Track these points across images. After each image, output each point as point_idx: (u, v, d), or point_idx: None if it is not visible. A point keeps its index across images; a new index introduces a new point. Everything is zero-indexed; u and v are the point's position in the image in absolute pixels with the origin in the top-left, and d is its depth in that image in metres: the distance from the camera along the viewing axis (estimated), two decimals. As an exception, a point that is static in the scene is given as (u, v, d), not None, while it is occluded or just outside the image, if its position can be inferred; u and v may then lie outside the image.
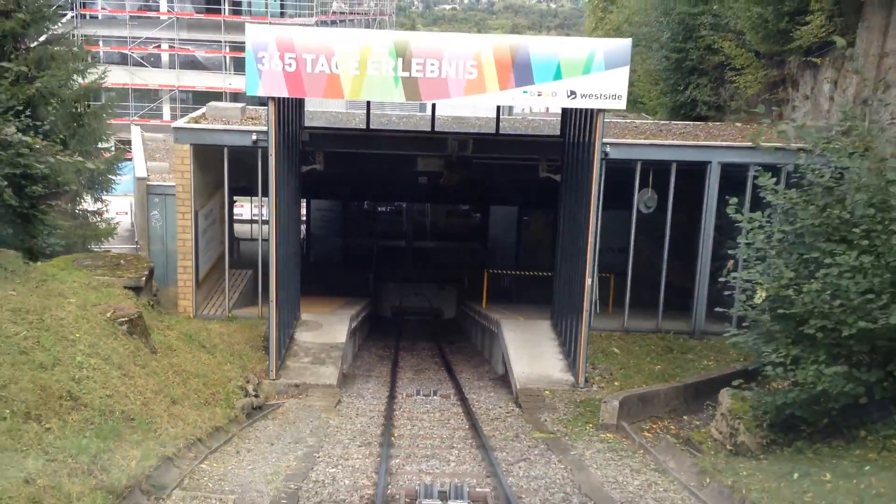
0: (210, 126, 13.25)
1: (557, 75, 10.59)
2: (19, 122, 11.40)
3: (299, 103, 12.92)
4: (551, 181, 13.90)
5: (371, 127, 14.00)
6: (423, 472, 7.86)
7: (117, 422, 7.41)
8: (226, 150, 13.39)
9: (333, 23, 44.66)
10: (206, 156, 13.68)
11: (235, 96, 41.76)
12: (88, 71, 14.94)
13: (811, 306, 7.36)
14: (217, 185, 14.53)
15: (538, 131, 14.71)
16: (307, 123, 14.12)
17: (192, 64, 41.39)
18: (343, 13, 46.70)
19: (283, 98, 11.07)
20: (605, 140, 12.90)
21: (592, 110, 11.12)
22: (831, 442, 7.67)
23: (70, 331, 8.49)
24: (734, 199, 8.38)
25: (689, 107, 24.85)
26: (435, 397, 12.06)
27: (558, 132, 13.91)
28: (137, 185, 16.91)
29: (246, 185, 15.18)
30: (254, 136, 12.90)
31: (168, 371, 9.56)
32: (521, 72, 10.58)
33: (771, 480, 7.35)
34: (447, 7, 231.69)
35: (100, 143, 15.81)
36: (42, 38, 14.89)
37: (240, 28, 40.13)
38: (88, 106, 14.59)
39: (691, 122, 17.24)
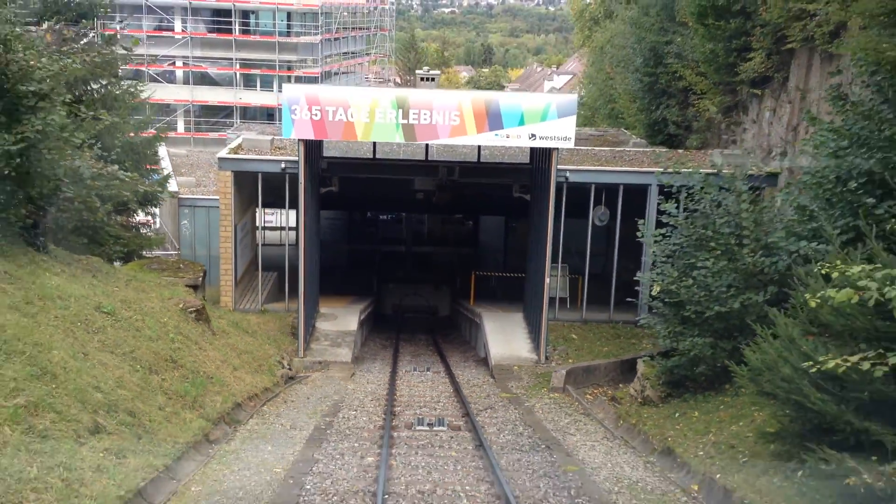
0: (247, 157, 16.67)
1: (521, 122, 14.01)
2: (93, 153, 14.78)
3: (320, 141, 16.31)
4: (523, 199, 17.32)
5: (377, 157, 17.43)
6: (416, 414, 11.25)
7: (203, 378, 10.77)
8: (259, 175, 16.82)
9: (336, 40, 48.15)
10: (243, 179, 17.09)
11: (244, 110, 45.33)
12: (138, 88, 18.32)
13: (687, 296, 10.75)
14: (250, 202, 17.95)
15: (514, 159, 18.07)
16: (325, 153, 17.49)
17: (204, 79, 44.84)
18: (346, 29, 50.14)
19: (309, 139, 14.48)
20: (566, 167, 16.39)
21: (549, 148, 14.51)
22: (705, 393, 11.03)
23: (159, 316, 11.87)
24: (642, 222, 11.78)
25: (661, 124, 28.22)
26: (428, 373, 15.46)
27: (528, 160, 17.32)
28: (170, 199, 20.33)
29: (273, 200, 18.57)
30: (282, 165, 16.32)
31: (226, 348, 12.96)
32: (493, 119, 14.00)
33: (660, 419, 10.73)
34: (446, 10, 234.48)
35: (149, 166, 19.20)
36: (103, 80, 18.26)
37: (249, 46, 43.88)
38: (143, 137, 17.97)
39: (640, 149, 20.45)
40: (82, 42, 16.41)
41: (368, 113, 13.87)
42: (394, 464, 8.42)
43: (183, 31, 43.61)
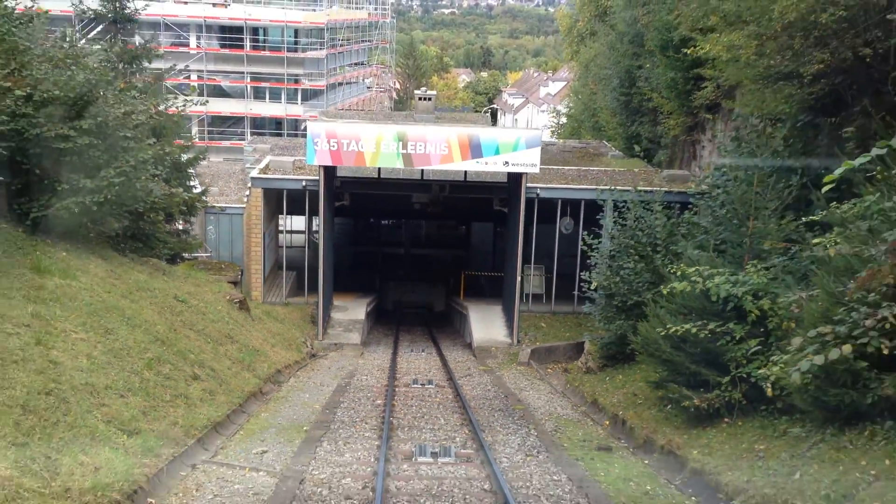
0: (275, 176, 20.51)
1: (497, 152, 17.85)
2: (150, 173, 18.56)
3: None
4: (502, 211, 21.16)
5: (381, 176, 21.26)
6: (412, 378, 15.08)
7: (252, 350, 14.61)
8: (284, 192, 20.66)
9: (341, 54, 51.99)
10: (270, 194, 20.92)
11: (254, 120, 49.17)
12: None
13: (615, 290, 14.58)
14: (275, 212, 21.78)
15: (494, 178, 21.89)
16: (338, 174, 21.31)
17: (217, 92, 48.64)
18: (349, 43, 53.98)
19: (328, 165, 18.30)
20: (538, 185, 20.21)
21: (520, 172, 18.33)
22: (630, 362, 14.84)
23: (215, 304, 15.71)
24: (586, 234, 15.60)
25: (636, 138, 32.08)
26: (423, 353, 19.30)
27: (505, 179, 21.15)
28: (199, 207, 24.08)
29: (293, 210, 22.36)
30: (303, 183, 20.15)
31: (263, 330, 16.80)
32: (475, 149, 17.84)
33: (595, 382, 14.56)
34: (445, 11, 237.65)
35: (189, 182, 23.00)
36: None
37: (259, 60, 47.78)
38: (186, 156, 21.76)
39: (601, 168, 24.18)
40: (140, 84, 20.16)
41: (375, 144, 17.72)
42: (396, 404, 12.25)
43: (198, 46, 47.40)
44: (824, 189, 6.53)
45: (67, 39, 15.68)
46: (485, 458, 8.69)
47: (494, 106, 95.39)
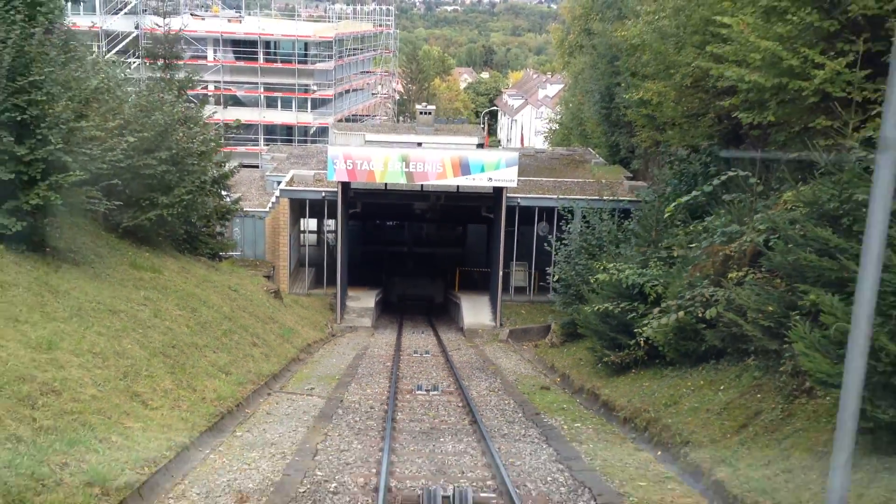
0: (298, 188, 25.05)
1: (483, 170, 22.31)
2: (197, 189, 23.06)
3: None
4: (489, 216, 25.65)
5: (388, 188, 25.79)
6: (414, 350, 19.60)
7: (288, 329, 19.14)
8: (307, 201, 25.17)
9: (349, 65, 56.49)
10: (294, 202, 25.44)
11: (267, 127, 53.69)
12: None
13: (572, 281, 19.06)
14: (297, 217, 26.29)
15: (482, 190, 26.37)
16: (352, 186, 25.82)
17: (233, 101, 53.18)
18: (355, 54, 58.45)
19: (345, 181, 22.79)
20: (518, 195, 24.69)
21: (500, 186, 22.81)
22: (582, 339, 19.28)
23: (256, 293, 20.25)
24: (552, 239, 20.07)
25: (616, 148, 36.54)
26: (422, 335, 23.80)
27: (491, 191, 25.64)
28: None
29: (312, 214, 26.87)
30: (322, 193, 24.65)
31: (293, 314, 21.32)
32: (464, 168, 22.31)
33: (556, 353, 19.05)
34: (448, 9, 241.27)
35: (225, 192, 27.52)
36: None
37: (272, 72, 52.26)
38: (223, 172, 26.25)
39: (574, 180, 28.60)
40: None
41: (383, 164, 22.22)
42: (401, 365, 16.75)
43: (215, 59, 51.95)
44: (665, 215, 11.02)
45: (147, 89, 20.11)
46: (461, 393, 13.19)
47: (495, 107, 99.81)
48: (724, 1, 12.02)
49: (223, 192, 27.80)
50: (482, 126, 64.97)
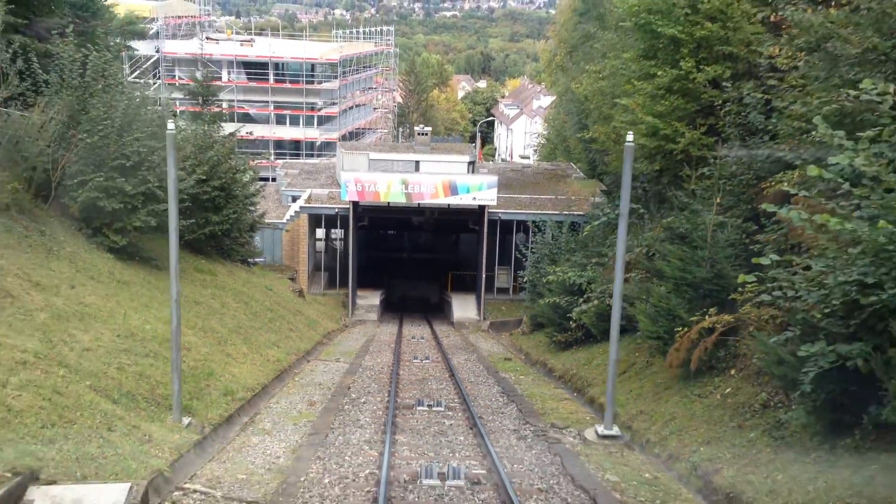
0: (315, 205, 30.52)
1: (468, 191, 27.78)
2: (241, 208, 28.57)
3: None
4: (475, 229, 31.11)
5: (391, 206, 31.25)
6: (412, 336, 25.05)
7: (312, 320, 24.61)
8: (322, 216, 30.64)
9: (354, 82, 62.03)
10: (311, 217, 30.91)
11: (277, 143, 59.20)
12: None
13: (538, 281, 24.50)
14: (314, 228, 31.77)
15: (469, 206, 31.81)
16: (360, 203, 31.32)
17: (245, 118, 58.69)
18: (358, 72, 63.98)
19: (355, 201, 28.27)
20: (499, 210, 30.16)
21: (483, 204, 28.29)
22: (544, 328, 24.71)
23: (286, 293, 25.74)
24: (524, 248, 25.52)
25: (594, 163, 41.97)
26: (419, 326, 29.25)
27: (476, 207, 31.10)
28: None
29: (327, 226, 32.34)
30: (336, 210, 30.11)
31: (314, 310, 26.78)
32: (453, 189, 27.77)
33: (525, 339, 24.50)
34: (448, 14, 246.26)
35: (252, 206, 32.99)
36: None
37: (281, 91, 57.72)
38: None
39: (548, 197, 34.07)
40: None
41: (387, 186, 27.68)
42: (402, 346, 22.18)
43: (229, 80, 57.46)
44: (584, 234, 16.50)
45: (203, 133, 25.50)
46: (446, 361, 18.62)
47: (492, 117, 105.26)
48: (626, 85, 17.46)
49: (251, 207, 33.43)
50: (476, 139, 70.55)
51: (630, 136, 10.05)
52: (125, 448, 7.69)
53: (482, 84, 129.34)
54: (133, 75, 48.89)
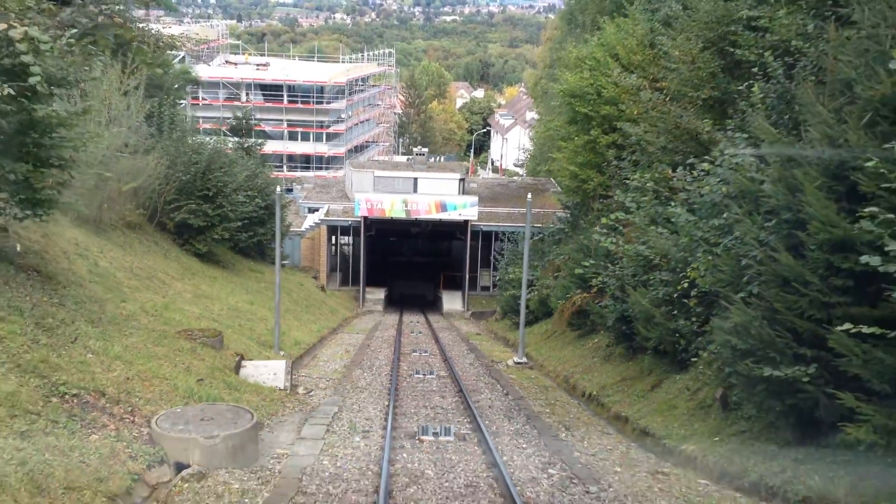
0: (332, 218, 39.04)
1: (455, 208, 36.27)
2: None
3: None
4: (462, 238, 39.61)
5: (394, 219, 39.67)
6: (411, 323, 33.49)
7: (333, 308, 33.08)
8: (338, 227, 39.13)
9: (360, 101, 70.54)
10: (329, 227, 39.39)
11: (290, 157, 67.64)
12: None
13: (508, 278, 32.93)
14: (330, 236, 40.26)
15: (457, 220, 40.22)
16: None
17: (262, 135, 67.08)
18: (362, 91, 72.45)
19: (365, 216, 36.73)
20: (481, 223, 38.69)
21: (467, 219, 36.76)
22: (510, 315, 33.08)
23: (312, 288, 34.28)
24: (502, 257, 33.98)
25: (581, 180, 50.29)
26: (416, 316, 37.68)
27: (462, 221, 39.50)
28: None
29: (341, 234, 40.83)
30: (349, 222, 38.59)
31: (333, 301, 35.26)
32: (443, 207, 36.26)
33: (495, 324, 32.98)
34: (448, 19, 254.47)
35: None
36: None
37: (294, 111, 66.18)
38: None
39: (522, 210, 42.51)
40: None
41: (391, 205, 36.12)
42: (402, 327, 30.58)
43: (247, 100, 65.93)
44: (535, 242, 25.06)
45: (254, 163, 33.91)
46: (434, 335, 27.03)
47: (489, 126, 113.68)
48: (559, 141, 25.87)
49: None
50: (470, 153, 79.03)
51: (529, 197, 18.45)
52: (270, 354, 16.16)
53: (479, 94, 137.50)
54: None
